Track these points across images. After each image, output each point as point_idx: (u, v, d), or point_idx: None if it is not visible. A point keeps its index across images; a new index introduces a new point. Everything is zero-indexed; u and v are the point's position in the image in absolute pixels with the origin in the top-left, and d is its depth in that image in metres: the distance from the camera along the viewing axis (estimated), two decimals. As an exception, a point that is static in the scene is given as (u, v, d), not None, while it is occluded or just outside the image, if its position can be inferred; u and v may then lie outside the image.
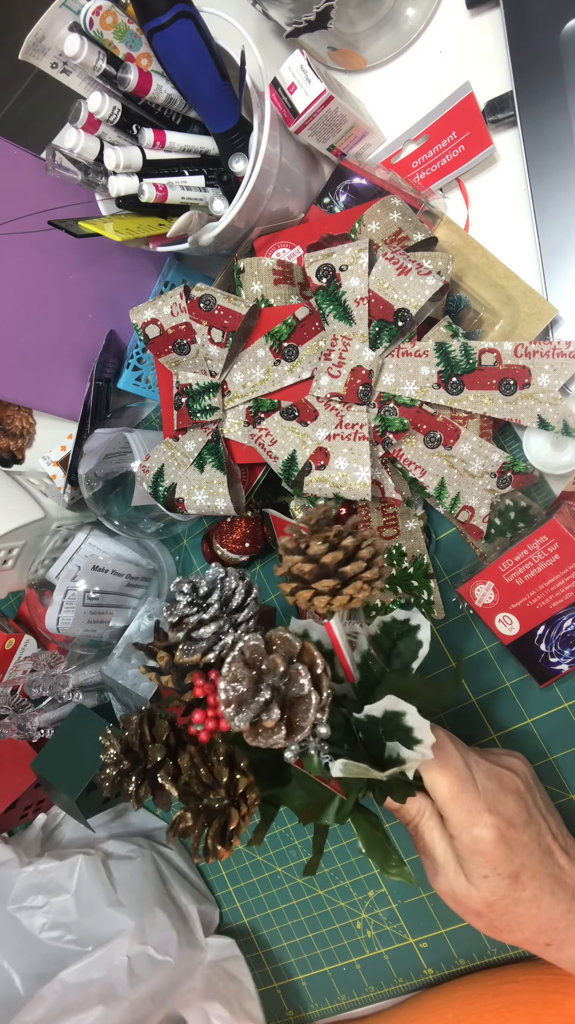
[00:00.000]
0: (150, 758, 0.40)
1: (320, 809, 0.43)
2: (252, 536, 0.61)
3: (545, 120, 0.50)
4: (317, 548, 0.37)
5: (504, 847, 0.41)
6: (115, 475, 0.73)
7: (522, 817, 0.43)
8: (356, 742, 0.44)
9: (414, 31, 0.57)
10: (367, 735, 0.43)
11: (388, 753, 0.41)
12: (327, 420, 0.51)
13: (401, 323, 0.48)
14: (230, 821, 0.38)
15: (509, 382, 0.48)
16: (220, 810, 0.38)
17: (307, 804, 0.43)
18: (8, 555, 0.80)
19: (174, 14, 0.45)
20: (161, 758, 0.40)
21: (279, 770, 0.45)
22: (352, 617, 0.47)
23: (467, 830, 0.41)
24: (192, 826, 0.38)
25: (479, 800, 0.42)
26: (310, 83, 0.49)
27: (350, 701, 0.46)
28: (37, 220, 0.58)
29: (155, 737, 0.41)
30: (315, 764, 0.40)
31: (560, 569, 0.48)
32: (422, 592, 0.56)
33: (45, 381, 0.66)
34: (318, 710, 0.37)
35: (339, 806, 0.43)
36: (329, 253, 0.50)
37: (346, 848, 0.65)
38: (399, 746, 0.39)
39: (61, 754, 0.70)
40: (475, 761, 0.44)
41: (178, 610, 0.41)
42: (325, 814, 0.43)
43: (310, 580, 0.37)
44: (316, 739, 0.39)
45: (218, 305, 0.53)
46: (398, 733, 0.40)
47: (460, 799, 0.41)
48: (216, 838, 0.37)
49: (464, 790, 0.42)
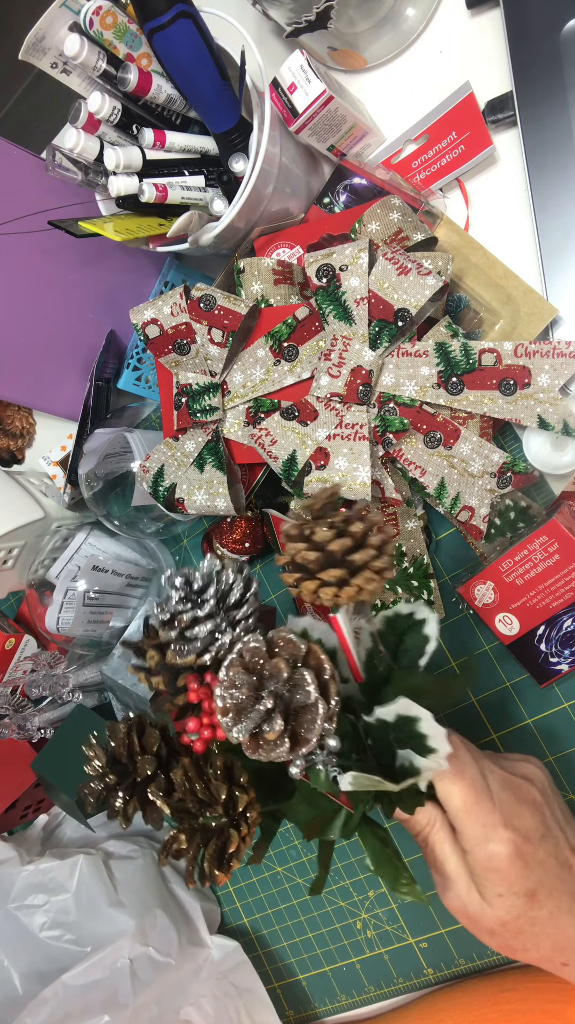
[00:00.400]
0: (139, 771, 0.36)
1: (326, 824, 0.40)
2: (252, 536, 0.61)
3: (545, 120, 0.50)
4: (323, 535, 0.34)
5: (520, 864, 0.39)
6: (115, 475, 0.73)
7: (539, 831, 0.40)
8: (364, 750, 0.41)
9: (414, 31, 0.57)
10: (376, 741, 0.40)
11: (400, 762, 0.38)
12: (327, 420, 0.51)
13: (401, 323, 0.48)
14: (229, 843, 0.34)
15: (509, 382, 0.48)
16: (217, 830, 0.35)
17: (311, 818, 0.40)
18: (8, 555, 0.80)
19: (174, 14, 0.45)
20: (151, 771, 0.36)
21: (281, 781, 0.41)
22: (358, 612, 0.43)
23: (481, 845, 0.39)
24: (187, 848, 0.34)
25: (495, 812, 0.39)
26: (310, 83, 0.49)
27: (357, 702, 0.43)
28: (37, 220, 0.58)
29: (145, 748, 0.37)
30: (323, 779, 0.37)
31: (560, 569, 0.48)
32: (422, 592, 0.56)
33: (45, 381, 0.66)
34: (326, 720, 0.34)
35: (346, 820, 0.40)
36: (329, 253, 0.50)
37: (346, 848, 0.65)
38: (412, 754, 0.37)
39: (61, 754, 0.70)
40: (490, 770, 0.41)
41: (170, 606, 0.37)
42: (331, 829, 0.40)
43: (315, 570, 0.34)
44: (324, 751, 0.36)
45: (218, 305, 0.53)
46: (411, 741, 0.37)
47: (474, 811, 0.39)
48: (213, 861, 0.34)
49: (479, 802, 0.39)
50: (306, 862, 0.68)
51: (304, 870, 0.68)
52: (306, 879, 0.68)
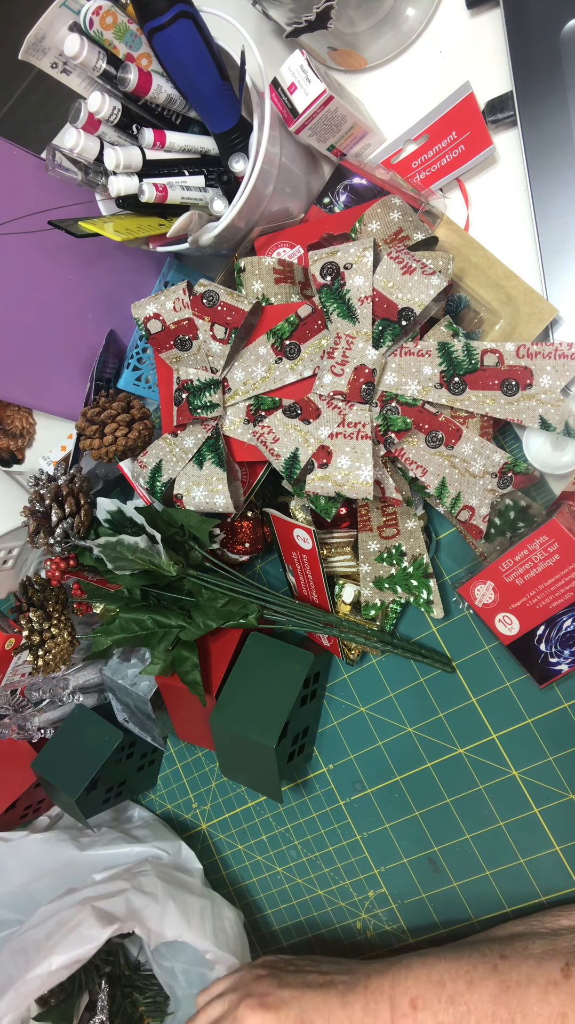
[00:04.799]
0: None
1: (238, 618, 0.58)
2: (253, 536, 0.61)
3: (545, 120, 0.50)
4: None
5: (271, 1014, 0.48)
6: (115, 475, 0.73)
7: (270, 982, 0.51)
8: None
9: (414, 31, 0.57)
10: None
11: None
12: (330, 418, 0.51)
13: (404, 322, 0.48)
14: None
15: (511, 383, 0.48)
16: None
17: (224, 619, 0.58)
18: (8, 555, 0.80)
19: (174, 14, 0.45)
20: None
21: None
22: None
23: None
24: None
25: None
26: (310, 83, 0.49)
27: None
28: (37, 220, 0.58)
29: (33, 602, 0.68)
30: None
31: (560, 569, 0.48)
32: (422, 592, 0.56)
33: (45, 381, 0.66)
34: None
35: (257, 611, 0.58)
36: (334, 251, 0.50)
37: (346, 848, 0.65)
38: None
39: (61, 754, 0.70)
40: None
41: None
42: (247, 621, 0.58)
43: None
44: None
45: (221, 301, 0.53)
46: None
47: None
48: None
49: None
50: (306, 862, 0.68)
51: (304, 870, 0.68)
52: (306, 879, 0.68)
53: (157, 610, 0.60)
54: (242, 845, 0.72)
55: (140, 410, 0.64)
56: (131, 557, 0.57)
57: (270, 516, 0.58)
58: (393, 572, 0.56)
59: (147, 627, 0.60)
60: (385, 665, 0.61)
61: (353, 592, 0.58)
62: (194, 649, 0.60)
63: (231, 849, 0.73)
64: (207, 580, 0.58)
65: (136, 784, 0.76)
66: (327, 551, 0.58)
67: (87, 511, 0.62)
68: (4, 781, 0.78)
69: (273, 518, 0.58)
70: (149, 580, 0.59)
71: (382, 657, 0.61)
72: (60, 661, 0.67)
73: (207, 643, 0.63)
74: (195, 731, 0.67)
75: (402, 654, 0.56)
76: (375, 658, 0.61)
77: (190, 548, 0.59)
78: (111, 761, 0.69)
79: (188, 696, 0.63)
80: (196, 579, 0.59)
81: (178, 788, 0.77)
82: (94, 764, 0.68)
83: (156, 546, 0.56)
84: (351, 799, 0.64)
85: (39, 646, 0.66)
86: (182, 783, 0.76)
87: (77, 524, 0.61)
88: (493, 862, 0.57)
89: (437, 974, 0.47)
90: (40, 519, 0.62)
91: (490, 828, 0.57)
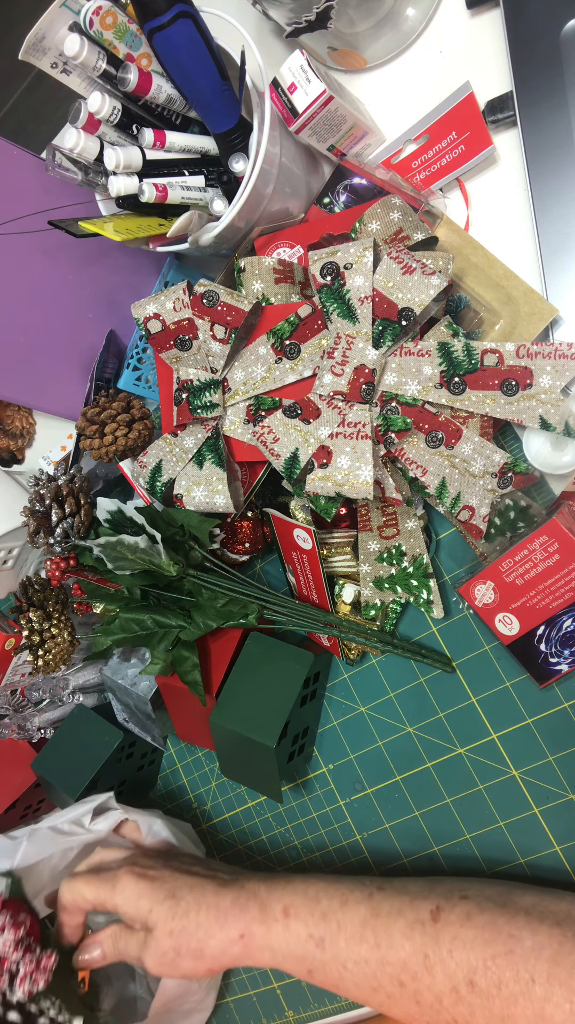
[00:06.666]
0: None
1: (238, 617, 0.58)
2: (253, 536, 0.61)
3: (545, 120, 0.50)
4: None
5: (146, 881, 0.52)
6: (115, 475, 0.73)
7: (152, 861, 0.55)
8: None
9: (414, 31, 0.57)
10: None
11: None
12: (330, 418, 0.51)
13: (405, 322, 0.48)
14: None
15: (511, 383, 0.48)
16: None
17: (223, 619, 0.59)
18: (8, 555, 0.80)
19: (174, 14, 0.45)
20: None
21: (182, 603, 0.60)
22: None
23: (118, 893, 0.52)
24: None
25: (111, 877, 0.54)
26: (310, 83, 0.49)
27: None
28: (37, 220, 0.58)
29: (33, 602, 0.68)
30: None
31: (560, 569, 0.48)
32: (422, 592, 0.56)
33: (45, 381, 0.66)
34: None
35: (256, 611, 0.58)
36: (334, 251, 0.50)
37: (346, 848, 0.65)
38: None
39: (61, 754, 0.70)
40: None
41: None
42: (247, 621, 0.58)
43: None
44: None
45: (221, 301, 0.53)
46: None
47: (103, 888, 0.53)
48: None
49: (102, 881, 0.54)
50: (306, 862, 0.68)
51: (304, 871, 0.68)
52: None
53: (157, 610, 0.60)
54: (242, 845, 0.72)
55: (140, 410, 0.64)
56: (131, 557, 0.57)
57: (270, 516, 0.58)
58: (393, 572, 0.56)
59: (147, 627, 0.60)
60: (385, 665, 0.61)
61: (353, 592, 0.58)
62: (194, 649, 0.60)
63: (231, 849, 0.73)
64: (207, 580, 0.58)
65: (136, 784, 0.76)
66: (327, 551, 0.58)
67: (87, 511, 0.62)
68: (4, 781, 0.78)
69: (273, 518, 0.58)
70: (149, 580, 0.59)
71: (382, 657, 0.61)
72: (60, 661, 0.68)
73: (207, 643, 0.63)
74: (195, 731, 0.67)
75: (402, 654, 0.56)
76: (375, 658, 0.61)
77: (190, 548, 0.59)
78: (111, 761, 0.69)
79: (188, 696, 0.63)
80: (196, 579, 0.59)
81: (178, 788, 0.77)
82: (94, 764, 0.68)
83: (156, 546, 0.56)
84: (351, 799, 0.64)
85: (39, 646, 0.66)
86: (182, 783, 0.76)
87: (77, 524, 0.61)
88: (493, 862, 0.57)
89: (314, 891, 0.51)
90: (40, 519, 0.62)
91: (490, 828, 0.57)
